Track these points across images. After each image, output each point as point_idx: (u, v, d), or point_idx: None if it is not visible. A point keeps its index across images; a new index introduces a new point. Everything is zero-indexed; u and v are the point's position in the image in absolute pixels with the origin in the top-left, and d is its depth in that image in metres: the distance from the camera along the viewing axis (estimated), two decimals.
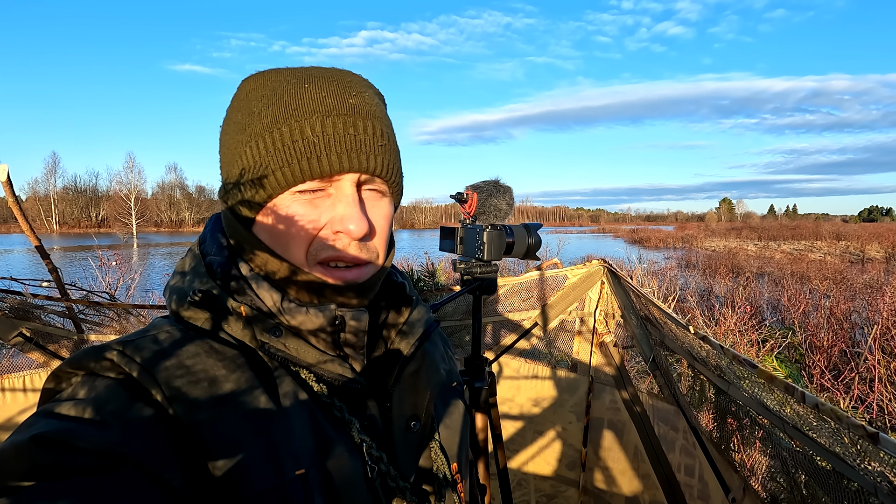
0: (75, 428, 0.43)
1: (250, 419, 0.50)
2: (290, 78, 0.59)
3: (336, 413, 0.56)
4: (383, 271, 0.64)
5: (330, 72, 0.61)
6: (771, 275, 13.85)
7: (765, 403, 1.22)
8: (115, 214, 73.04)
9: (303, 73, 0.60)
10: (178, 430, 0.47)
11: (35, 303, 2.04)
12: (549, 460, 2.33)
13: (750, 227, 54.88)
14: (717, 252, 24.80)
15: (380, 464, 0.57)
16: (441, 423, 0.70)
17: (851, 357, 6.15)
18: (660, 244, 36.90)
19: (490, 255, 1.59)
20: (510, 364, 2.40)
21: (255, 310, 0.57)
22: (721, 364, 1.44)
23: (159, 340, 0.52)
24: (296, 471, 0.50)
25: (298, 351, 0.57)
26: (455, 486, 0.66)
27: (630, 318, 2.08)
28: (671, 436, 1.87)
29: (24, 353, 2.03)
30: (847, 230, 39.01)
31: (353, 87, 0.60)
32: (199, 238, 0.65)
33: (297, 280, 0.58)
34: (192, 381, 0.50)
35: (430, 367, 0.67)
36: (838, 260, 19.90)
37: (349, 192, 0.57)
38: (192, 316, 0.57)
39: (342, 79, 0.60)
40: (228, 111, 0.63)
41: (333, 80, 0.59)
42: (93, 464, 0.41)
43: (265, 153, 0.56)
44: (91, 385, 0.48)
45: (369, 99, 0.60)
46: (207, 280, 0.58)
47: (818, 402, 0.92)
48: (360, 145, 0.57)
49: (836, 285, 10.96)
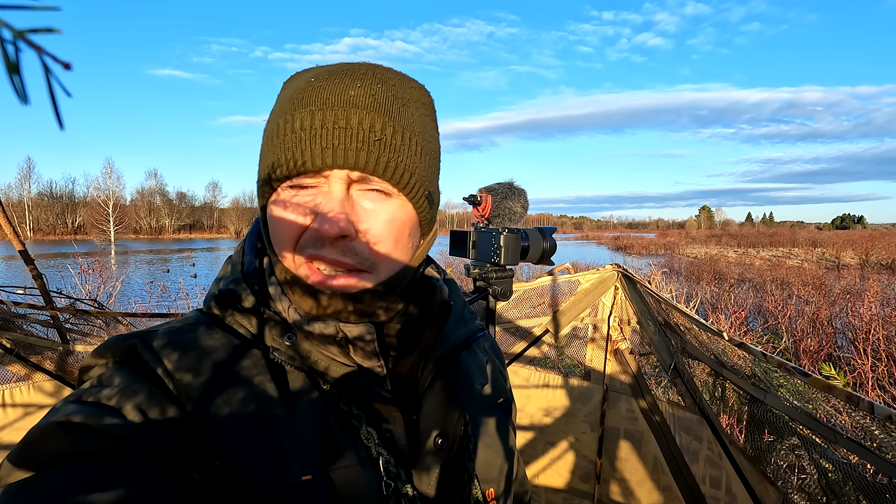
0: (97, 413, 0.45)
1: (259, 420, 0.50)
2: (315, 72, 0.56)
3: (353, 422, 0.54)
4: (394, 284, 0.57)
5: (357, 66, 0.55)
6: (752, 281, 14.09)
7: (811, 413, 1.17)
8: (92, 221, 71.19)
9: (330, 68, 0.56)
10: (191, 421, 0.48)
11: (16, 311, 1.90)
12: (561, 472, 2.25)
13: (729, 234, 56.08)
14: (698, 259, 25.22)
15: (397, 481, 0.53)
16: (479, 442, 0.63)
17: (837, 362, 6.24)
18: (643, 251, 37.40)
19: (507, 260, 1.52)
20: (520, 372, 2.32)
21: (274, 312, 0.56)
22: (756, 371, 1.38)
23: (182, 333, 0.53)
24: (302, 476, 0.49)
25: (314, 356, 0.55)
26: None
27: (647, 324, 2.02)
28: (694, 446, 1.81)
29: (3, 366, 1.89)
30: (822, 237, 40.14)
31: (366, 79, 0.54)
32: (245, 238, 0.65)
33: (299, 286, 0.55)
34: (207, 376, 0.50)
35: (465, 381, 0.60)
36: (815, 266, 20.38)
37: (335, 187, 0.52)
38: (218, 314, 0.57)
39: (354, 72, 0.54)
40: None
41: (344, 73, 0.54)
42: (113, 447, 0.43)
43: (265, 149, 0.55)
44: (113, 373, 0.50)
45: (383, 91, 0.54)
46: (239, 280, 0.58)
47: (892, 414, 0.86)
48: (350, 139, 0.51)
49: (817, 291, 11.19)
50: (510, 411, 0.74)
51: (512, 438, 0.71)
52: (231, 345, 0.53)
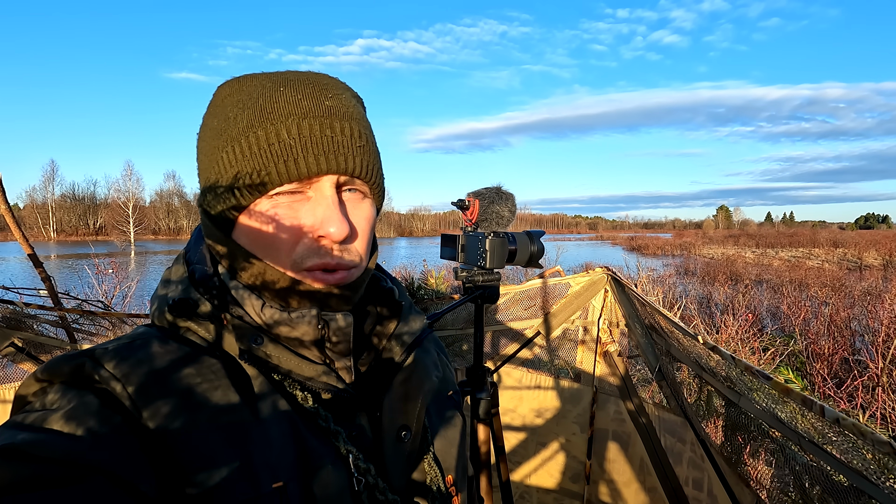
0: (43, 439, 0.42)
1: (225, 430, 0.49)
2: (266, 82, 0.58)
3: (321, 423, 0.54)
4: (367, 273, 0.63)
5: (306, 75, 0.60)
6: (769, 282, 13.83)
7: (778, 416, 1.19)
8: (112, 222, 72.75)
9: (278, 77, 0.59)
10: (150, 439, 0.46)
11: (28, 312, 2.00)
12: (552, 473, 2.28)
13: (747, 234, 54.98)
14: (715, 259, 24.82)
15: (367, 476, 0.54)
16: (436, 434, 0.67)
17: (853, 365, 6.11)
18: (658, 251, 36.91)
19: (492, 263, 1.56)
20: (512, 374, 2.36)
21: (237, 318, 0.56)
22: (731, 375, 1.40)
23: (134, 349, 0.51)
24: (273, 483, 0.48)
25: (280, 359, 0.56)
26: (450, 499, 0.64)
27: (635, 326, 2.04)
28: (678, 448, 1.83)
29: (15, 364, 1.98)
30: (844, 237, 39.14)
31: (330, 90, 0.59)
32: (185, 248, 0.64)
33: (283, 286, 0.57)
34: (166, 390, 0.48)
35: (422, 375, 0.64)
36: (836, 267, 19.90)
37: (328, 193, 0.56)
38: (171, 325, 0.56)
39: (318, 81, 0.59)
40: (205, 117, 0.61)
41: (309, 83, 0.58)
42: (61, 475, 0.40)
43: (241, 157, 0.55)
44: (62, 394, 0.46)
45: (346, 101, 0.60)
46: (189, 289, 0.57)
47: (839, 417, 0.88)
48: (339, 146, 0.56)
49: (835, 292, 10.94)
50: (460, 403, 0.78)
51: (463, 428, 0.74)
52: (188, 355, 0.52)
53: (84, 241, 63.06)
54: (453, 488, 0.66)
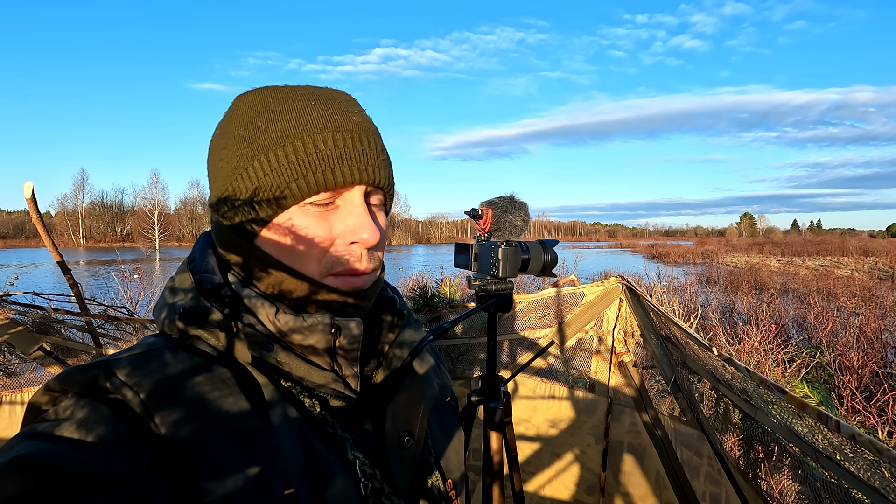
0: (58, 449, 0.42)
1: (237, 438, 0.49)
2: (294, 95, 0.61)
3: (328, 430, 0.56)
4: (379, 282, 0.66)
5: (328, 91, 0.64)
6: (796, 291, 13.45)
7: (795, 430, 1.16)
8: (139, 229, 74.83)
9: (305, 91, 0.61)
10: (164, 449, 0.46)
11: (56, 317, 2.08)
12: (566, 484, 2.26)
13: (773, 242, 53.64)
14: (738, 268, 24.24)
15: (373, 481, 0.56)
16: (436, 439, 0.70)
17: (884, 378, 5.90)
18: (679, 259, 36.21)
19: (505, 273, 1.56)
20: (526, 383, 2.35)
21: (247, 325, 0.57)
22: (747, 388, 1.38)
23: (146, 358, 0.51)
24: (285, 490, 0.49)
25: (291, 366, 0.57)
26: (451, 502, 0.66)
27: (650, 337, 2.02)
28: (695, 461, 1.79)
29: (43, 367, 2.06)
30: (875, 245, 37.84)
31: (354, 105, 0.63)
32: (188, 257, 0.64)
33: (301, 294, 0.58)
34: (178, 400, 0.49)
35: (424, 383, 0.67)
36: (866, 276, 19.23)
37: (359, 202, 0.60)
38: (181, 333, 0.56)
39: (342, 98, 0.63)
40: (224, 126, 0.62)
41: (334, 99, 0.62)
42: (76, 487, 0.40)
43: (277, 166, 0.57)
44: (76, 405, 0.47)
45: (367, 117, 0.64)
46: (198, 297, 0.57)
47: (855, 433, 0.86)
48: (369, 159, 0.60)
49: (865, 303, 10.57)
50: (457, 409, 0.81)
51: (461, 433, 0.77)
52: (199, 364, 0.52)
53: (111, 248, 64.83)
54: (453, 492, 0.68)
